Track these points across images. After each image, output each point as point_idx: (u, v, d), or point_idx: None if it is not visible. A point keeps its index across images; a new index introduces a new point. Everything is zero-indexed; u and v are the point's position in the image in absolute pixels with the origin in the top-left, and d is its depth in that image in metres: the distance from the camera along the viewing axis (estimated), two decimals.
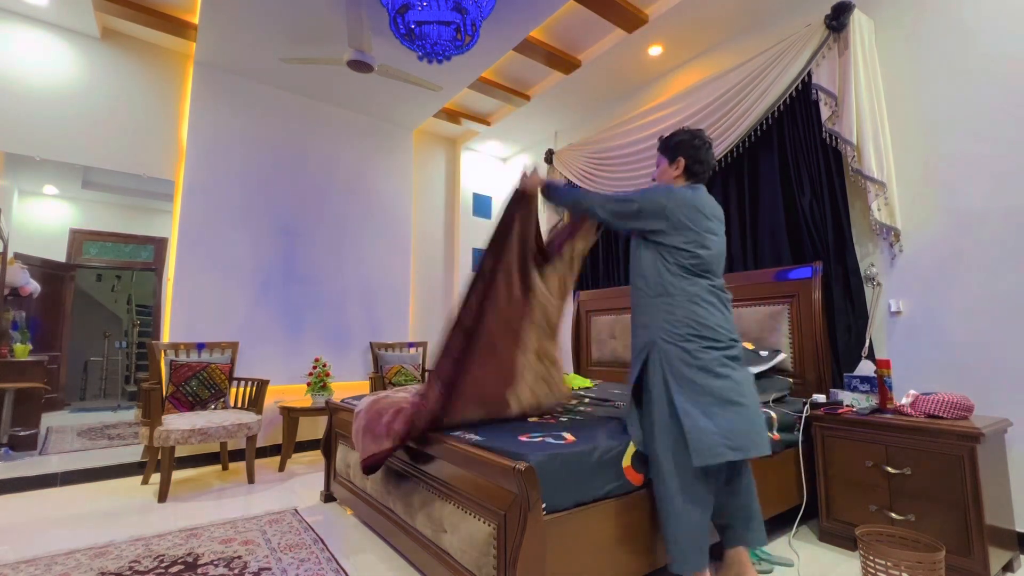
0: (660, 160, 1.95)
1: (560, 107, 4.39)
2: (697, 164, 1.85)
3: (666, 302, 1.70)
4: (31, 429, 3.38)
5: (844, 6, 2.55)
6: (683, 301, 1.68)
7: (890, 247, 2.53)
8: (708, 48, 3.50)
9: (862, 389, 2.20)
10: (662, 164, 1.94)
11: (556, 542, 1.45)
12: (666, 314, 1.69)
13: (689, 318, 1.66)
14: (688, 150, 1.85)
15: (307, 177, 4.17)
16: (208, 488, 3.00)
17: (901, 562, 1.61)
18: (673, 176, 1.88)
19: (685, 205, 1.73)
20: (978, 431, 1.81)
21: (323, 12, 3.07)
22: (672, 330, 1.67)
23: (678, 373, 1.63)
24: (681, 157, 1.85)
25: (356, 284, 4.37)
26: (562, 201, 2.05)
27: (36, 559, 2.01)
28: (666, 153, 1.91)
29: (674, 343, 1.66)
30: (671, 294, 1.70)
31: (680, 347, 1.65)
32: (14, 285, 3.34)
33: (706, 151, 1.86)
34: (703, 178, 1.88)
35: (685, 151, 1.85)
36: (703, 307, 1.67)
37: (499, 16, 3.07)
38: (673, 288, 1.70)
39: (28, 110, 3.19)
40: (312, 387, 3.59)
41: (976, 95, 2.30)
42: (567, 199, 2.03)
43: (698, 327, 1.65)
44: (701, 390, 1.60)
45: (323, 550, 2.11)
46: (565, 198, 2.03)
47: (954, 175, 2.35)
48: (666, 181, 1.90)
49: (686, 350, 1.64)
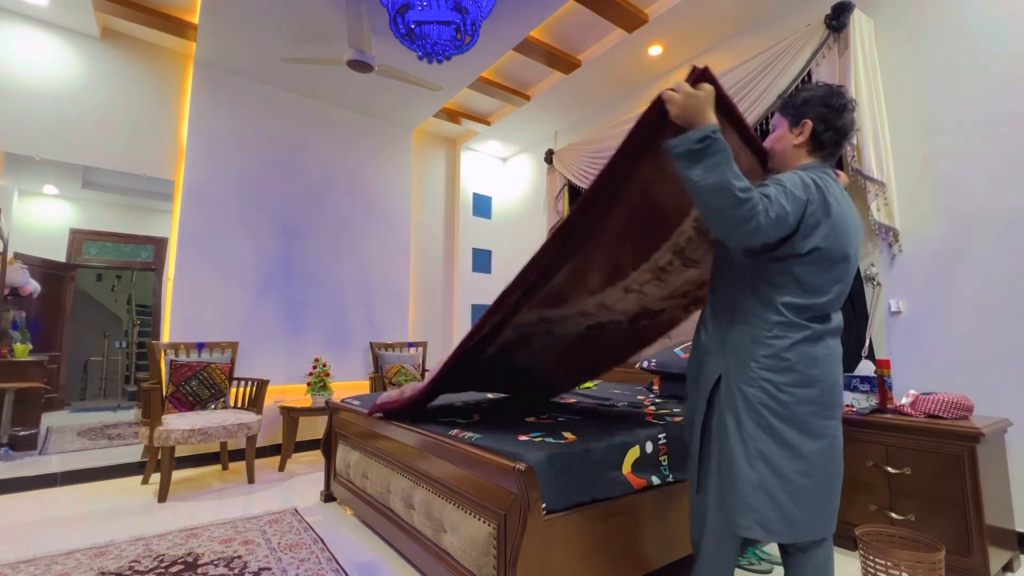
0: (777, 123, 1.43)
1: (560, 107, 4.39)
2: (834, 135, 1.35)
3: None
4: (31, 429, 3.38)
5: (844, 6, 2.55)
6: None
7: (889, 247, 2.53)
8: (708, 48, 3.50)
9: (862, 389, 2.20)
10: (777, 131, 1.42)
11: (556, 542, 1.45)
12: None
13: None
14: (814, 110, 1.34)
15: (307, 177, 4.17)
16: (208, 488, 3.00)
17: (901, 562, 1.61)
18: (792, 143, 1.38)
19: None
20: (978, 431, 1.81)
21: (323, 12, 3.07)
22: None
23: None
24: (810, 119, 1.34)
25: (356, 284, 4.37)
26: (697, 170, 1.17)
27: (36, 559, 2.01)
28: (785, 114, 1.41)
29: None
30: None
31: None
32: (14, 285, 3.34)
33: (848, 115, 1.35)
34: (835, 157, 1.42)
35: (814, 114, 1.34)
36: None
37: (499, 16, 3.07)
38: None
39: (28, 110, 3.19)
40: (312, 387, 3.59)
41: (976, 95, 2.30)
42: (706, 174, 1.15)
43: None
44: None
45: (323, 550, 2.11)
46: (706, 171, 1.15)
47: (954, 175, 2.35)
48: (783, 149, 1.41)
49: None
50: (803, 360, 1.26)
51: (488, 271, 5.31)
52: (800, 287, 1.27)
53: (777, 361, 1.25)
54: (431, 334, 4.93)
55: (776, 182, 1.24)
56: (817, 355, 1.27)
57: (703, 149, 1.15)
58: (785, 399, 1.24)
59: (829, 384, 1.28)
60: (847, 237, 1.30)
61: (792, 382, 1.25)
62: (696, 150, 1.15)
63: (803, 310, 1.27)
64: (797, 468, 1.23)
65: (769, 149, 1.45)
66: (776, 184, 1.23)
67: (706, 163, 1.14)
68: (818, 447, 1.25)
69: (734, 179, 1.13)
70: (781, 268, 1.27)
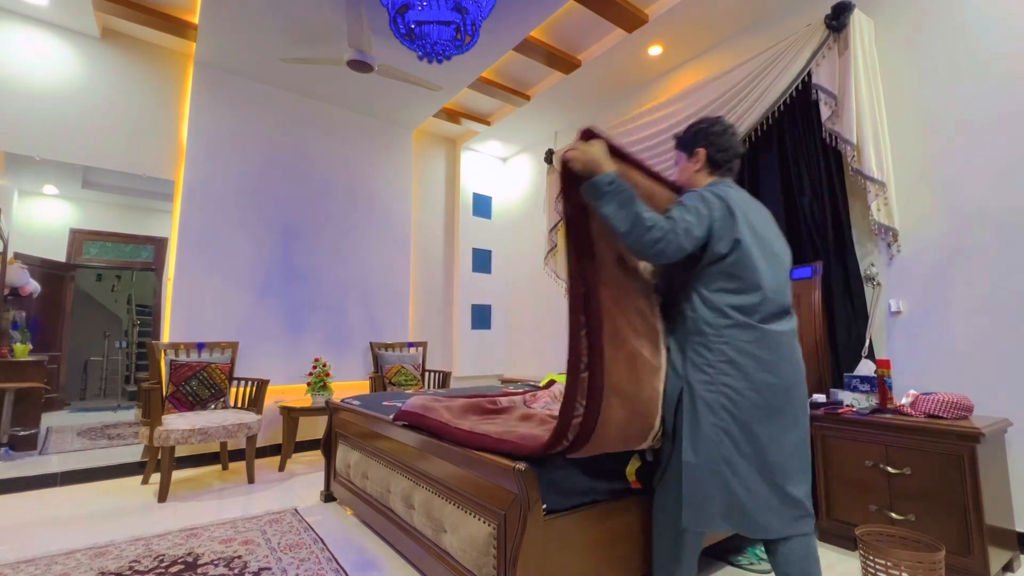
0: (678, 158, 1.69)
1: (560, 107, 4.39)
2: (723, 153, 1.58)
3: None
4: (31, 429, 3.38)
5: (844, 6, 2.55)
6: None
7: (888, 247, 2.53)
8: (708, 48, 3.50)
9: (862, 389, 2.20)
10: (680, 164, 1.68)
11: (556, 542, 1.45)
12: None
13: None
14: (705, 140, 1.59)
15: (307, 177, 4.17)
16: (208, 488, 3.00)
17: (901, 562, 1.61)
18: (693, 172, 1.62)
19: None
20: (978, 431, 1.81)
21: (323, 12, 3.07)
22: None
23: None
24: (702, 148, 1.59)
25: (356, 284, 4.37)
26: (610, 205, 1.37)
27: (36, 559, 2.01)
28: (682, 148, 1.66)
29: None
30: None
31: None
32: (14, 285, 3.34)
33: (732, 138, 1.60)
34: (733, 172, 1.63)
35: (706, 142, 1.58)
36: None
37: (499, 16, 3.07)
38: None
39: (28, 110, 3.19)
40: (312, 387, 3.59)
41: (976, 95, 2.30)
42: (619, 209, 1.37)
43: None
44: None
45: (323, 550, 2.11)
46: (618, 207, 1.37)
47: (954, 175, 2.35)
48: (688, 177, 1.64)
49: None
50: (753, 362, 1.38)
51: (488, 271, 5.31)
52: (735, 285, 1.43)
53: (728, 365, 1.39)
54: (431, 334, 4.93)
55: (678, 204, 1.46)
56: (764, 357, 1.39)
57: (611, 191, 1.37)
58: (738, 400, 1.37)
59: (781, 387, 1.39)
60: (765, 235, 1.50)
61: (744, 385, 1.38)
62: (606, 191, 1.37)
63: (748, 310, 1.41)
64: (749, 466, 1.37)
65: (680, 182, 1.69)
66: (678, 206, 1.45)
67: (617, 200, 1.36)
68: (770, 443, 1.37)
69: (640, 211, 1.35)
70: (714, 272, 1.44)
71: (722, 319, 1.42)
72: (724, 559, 2.03)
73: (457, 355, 5.00)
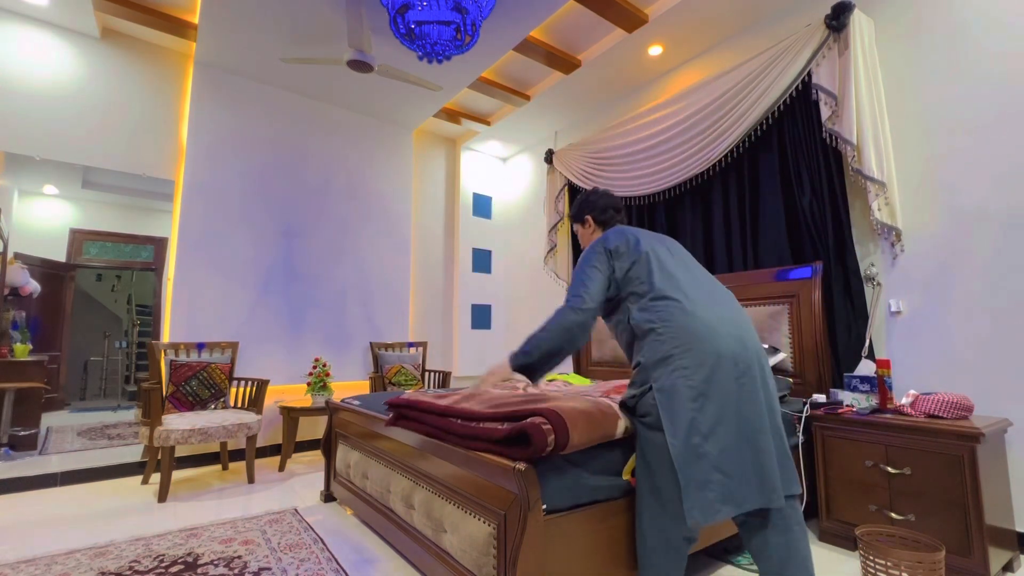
0: (576, 230, 1.98)
1: (560, 107, 4.39)
2: (603, 213, 1.88)
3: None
4: (31, 429, 3.38)
5: (844, 6, 2.55)
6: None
7: (891, 247, 2.53)
8: (708, 48, 3.50)
9: (862, 389, 2.20)
10: (580, 233, 1.97)
11: (556, 542, 1.45)
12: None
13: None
14: (587, 208, 1.91)
15: (307, 177, 4.17)
16: (208, 488, 3.00)
17: (901, 562, 1.61)
18: (591, 235, 1.91)
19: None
20: (978, 431, 1.81)
21: (323, 12, 3.07)
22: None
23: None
24: (587, 215, 1.90)
25: (356, 284, 4.37)
26: (537, 356, 1.56)
27: (36, 559, 2.01)
28: (576, 222, 1.96)
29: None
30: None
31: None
32: (14, 285, 3.34)
33: (607, 198, 1.91)
34: (619, 221, 1.91)
35: (588, 210, 1.90)
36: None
37: (499, 16, 3.07)
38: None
39: (28, 110, 3.20)
40: (312, 387, 3.59)
41: (976, 95, 2.30)
42: (539, 350, 1.56)
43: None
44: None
45: (323, 550, 2.11)
46: (537, 350, 1.56)
47: (954, 175, 2.35)
48: (589, 242, 1.90)
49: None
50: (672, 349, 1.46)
51: (488, 271, 5.31)
52: (646, 291, 1.55)
53: (663, 362, 1.45)
54: (431, 334, 4.93)
55: (574, 277, 1.64)
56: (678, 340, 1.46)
57: (527, 362, 1.56)
58: (680, 387, 1.40)
59: (703, 374, 1.41)
60: (648, 242, 1.65)
61: (675, 374, 1.43)
62: (525, 364, 1.57)
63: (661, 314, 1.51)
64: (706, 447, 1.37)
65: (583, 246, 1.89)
66: (574, 281, 1.62)
67: (535, 358, 1.55)
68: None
69: (549, 340, 1.54)
70: (633, 299, 1.58)
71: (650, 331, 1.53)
72: (724, 559, 2.03)
73: (457, 355, 5.00)
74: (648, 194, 3.64)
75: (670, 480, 1.38)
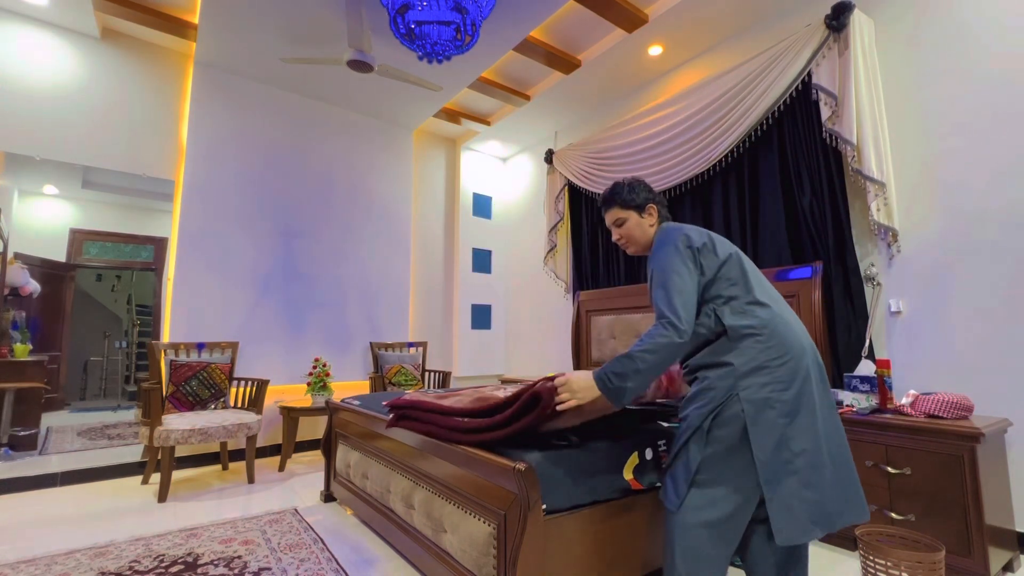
0: (626, 214, 1.65)
1: (560, 107, 4.39)
2: (664, 206, 1.68)
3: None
4: (31, 429, 3.38)
5: (844, 6, 2.55)
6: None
7: (888, 247, 2.53)
8: (708, 48, 3.50)
9: (862, 389, 2.20)
10: (630, 220, 1.65)
11: (556, 542, 1.45)
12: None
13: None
14: (652, 196, 1.66)
15: (307, 177, 4.17)
16: (208, 488, 3.00)
17: (901, 562, 1.61)
18: (647, 228, 1.65)
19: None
20: (978, 431, 1.81)
21: (323, 12, 3.07)
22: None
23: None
24: (652, 204, 1.65)
25: (356, 284, 4.37)
26: (634, 382, 1.35)
27: (36, 559, 2.01)
28: (633, 209, 1.64)
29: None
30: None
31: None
32: (14, 285, 3.34)
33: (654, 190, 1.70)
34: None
35: (654, 198, 1.66)
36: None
37: (499, 16, 3.07)
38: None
39: (28, 110, 3.19)
40: (312, 387, 3.59)
41: (976, 95, 2.30)
42: (639, 375, 1.34)
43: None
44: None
45: (323, 550, 2.11)
46: (636, 375, 1.34)
47: (954, 175, 2.35)
48: (642, 234, 1.65)
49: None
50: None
51: (488, 271, 5.31)
52: (740, 294, 1.44)
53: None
54: (431, 334, 4.93)
55: (661, 286, 1.41)
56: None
57: (619, 387, 1.34)
58: (771, 401, 1.35)
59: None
60: (724, 242, 1.52)
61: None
62: (617, 388, 1.34)
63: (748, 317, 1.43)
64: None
65: (627, 239, 1.67)
66: (664, 291, 1.40)
67: (629, 384, 1.33)
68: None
69: (639, 366, 1.32)
70: (721, 301, 1.45)
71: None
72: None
73: (457, 355, 5.00)
74: None
75: (739, 500, 1.30)
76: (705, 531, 1.31)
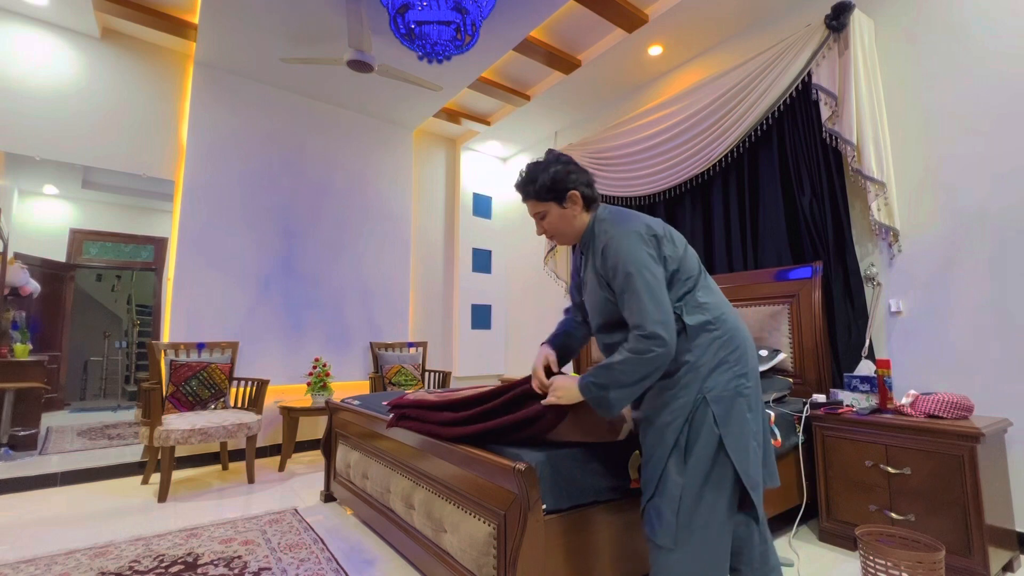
0: (546, 207, 1.47)
1: (560, 107, 4.39)
2: (589, 188, 1.48)
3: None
4: (31, 429, 3.38)
5: (844, 6, 2.55)
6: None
7: (889, 247, 2.53)
8: (708, 48, 3.50)
9: (862, 389, 2.20)
10: (551, 213, 1.48)
11: (556, 542, 1.45)
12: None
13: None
14: (571, 181, 1.45)
15: (307, 177, 4.17)
16: (208, 488, 3.00)
17: (901, 562, 1.61)
18: (573, 219, 1.48)
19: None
20: (978, 431, 1.81)
21: (323, 12, 3.07)
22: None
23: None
24: (573, 190, 1.45)
25: (356, 284, 4.37)
26: (615, 392, 1.32)
27: (36, 559, 2.01)
28: (549, 200, 1.46)
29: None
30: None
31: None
32: (14, 285, 3.34)
33: (580, 168, 1.49)
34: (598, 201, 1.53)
35: (573, 183, 1.45)
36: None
37: (499, 16, 3.07)
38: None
39: (28, 110, 3.19)
40: (312, 387, 3.59)
41: (976, 95, 2.30)
42: (617, 384, 1.30)
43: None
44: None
45: (323, 550, 2.11)
46: (615, 384, 1.31)
47: (954, 175, 2.35)
48: (568, 224, 1.49)
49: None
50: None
51: (488, 271, 5.31)
52: (694, 286, 1.41)
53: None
54: (431, 334, 4.93)
55: (633, 291, 1.29)
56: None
57: (601, 395, 1.32)
58: (738, 397, 1.39)
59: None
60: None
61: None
62: (600, 396, 1.32)
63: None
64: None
65: (554, 233, 1.51)
66: (637, 297, 1.28)
67: (613, 391, 1.30)
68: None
69: (622, 376, 1.28)
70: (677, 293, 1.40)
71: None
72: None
73: (457, 355, 5.00)
74: (649, 194, 3.64)
75: (727, 502, 1.30)
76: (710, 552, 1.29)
